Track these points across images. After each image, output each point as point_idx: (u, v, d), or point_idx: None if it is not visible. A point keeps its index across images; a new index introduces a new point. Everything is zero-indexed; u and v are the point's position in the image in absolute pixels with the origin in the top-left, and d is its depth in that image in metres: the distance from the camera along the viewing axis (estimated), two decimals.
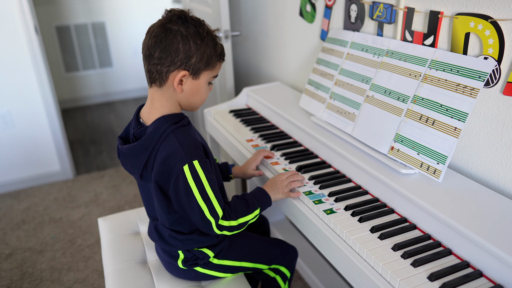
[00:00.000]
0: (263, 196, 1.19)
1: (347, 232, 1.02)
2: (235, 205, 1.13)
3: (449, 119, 1.07)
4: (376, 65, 1.32)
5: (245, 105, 1.97)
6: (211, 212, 1.07)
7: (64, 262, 2.15)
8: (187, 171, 1.03)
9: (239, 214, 1.13)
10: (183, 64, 1.03)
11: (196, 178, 1.04)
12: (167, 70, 1.04)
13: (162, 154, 1.05)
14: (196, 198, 1.05)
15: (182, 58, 1.02)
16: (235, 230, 1.14)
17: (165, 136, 1.05)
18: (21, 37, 2.57)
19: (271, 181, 1.24)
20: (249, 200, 1.16)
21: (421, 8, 1.21)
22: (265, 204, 1.19)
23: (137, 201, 2.67)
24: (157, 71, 1.04)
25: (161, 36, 1.02)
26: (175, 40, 1.01)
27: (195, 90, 1.09)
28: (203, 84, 1.10)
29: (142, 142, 1.07)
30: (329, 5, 1.63)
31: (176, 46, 1.01)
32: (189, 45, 1.02)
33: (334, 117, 1.43)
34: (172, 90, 1.07)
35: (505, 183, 1.07)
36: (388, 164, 1.18)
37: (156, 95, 1.09)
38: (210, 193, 1.06)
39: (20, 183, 2.88)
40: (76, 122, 4.11)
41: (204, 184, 1.05)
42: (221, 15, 2.09)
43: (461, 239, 0.92)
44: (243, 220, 1.13)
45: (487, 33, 1.03)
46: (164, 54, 1.02)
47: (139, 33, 4.47)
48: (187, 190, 1.04)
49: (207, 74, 1.09)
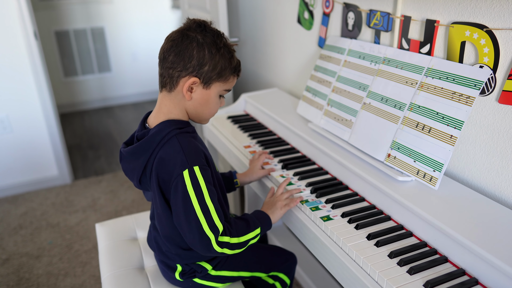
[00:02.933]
0: (263, 216, 1.16)
1: (343, 239, 1.02)
2: (236, 224, 1.09)
3: (445, 127, 1.07)
4: (373, 72, 1.33)
5: (243, 111, 1.97)
6: (211, 226, 1.01)
7: (61, 267, 2.14)
8: (186, 177, 1.00)
9: (240, 232, 1.08)
10: (195, 71, 1.03)
11: (196, 186, 1.01)
12: (179, 75, 1.03)
13: (162, 157, 1.03)
14: (194, 209, 1.00)
15: (195, 65, 1.02)
16: (236, 248, 1.08)
17: (167, 139, 1.04)
18: (20, 42, 2.58)
19: (267, 202, 1.22)
20: (249, 219, 1.13)
21: (417, 16, 1.22)
22: (265, 225, 1.15)
23: (135, 206, 2.67)
24: (169, 75, 1.04)
25: (178, 41, 1.02)
26: (190, 46, 1.01)
27: (204, 100, 1.08)
28: (213, 95, 1.09)
29: (143, 142, 1.05)
30: (326, 12, 1.64)
31: (190, 52, 1.01)
32: (203, 53, 1.02)
33: (332, 123, 1.44)
34: (181, 96, 1.06)
35: (501, 190, 1.08)
36: (385, 171, 1.18)
37: (165, 100, 1.08)
38: (210, 205, 1.01)
39: (18, 188, 2.88)
40: (75, 126, 4.12)
41: (204, 193, 1.01)
42: (220, 21, 2.10)
43: (457, 247, 0.93)
44: (244, 239, 1.09)
45: (483, 42, 1.04)
46: (178, 58, 1.02)
47: (138, 38, 4.49)
48: (185, 199, 1.00)
49: (218, 86, 1.08)
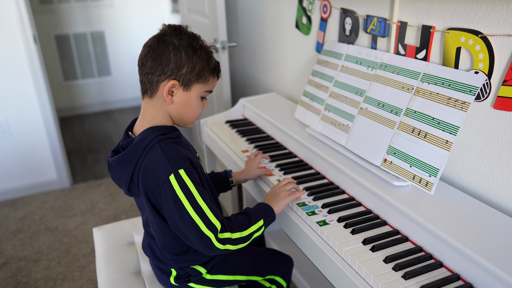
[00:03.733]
0: (265, 208, 1.15)
1: (339, 244, 1.02)
2: (236, 219, 1.08)
3: (441, 132, 1.08)
4: (370, 77, 1.34)
5: (242, 115, 1.98)
6: (208, 225, 1.01)
7: (59, 271, 2.14)
8: (173, 181, 1.00)
9: (241, 226, 1.07)
10: (173, 74, 1.03)
11: (184, 188, 1.00)
12: (158, 79, 1.04)
13: (147, 165, 1.03)
14: (188, 212, 1.00)
15: (173, 68, 1.03)
16: (240, 243, 1.06)
17: (151, 146, 1.04)
18: (19, 46, 2.59)
19: (270, 193, 1.21)
20: (250, 213, 1.12)
21: (413, 22, 1.23)
22: (268, 216, 1.13)
23: (134, 210, 2.67)
24: (148, 80, 1.05)
25: (154, 46, 1.03)
26: (167, 50, 1.02)
27: (185, 102, 1.08)
28: (194, 97, 1.09)
29: (128, 152, 1.05)
30: (324, 17, 1.65)
31: (167, 56, 1.02)
32: (180, 55, 1.03)
33: (329, 128, 1.45)
34: (163, 101, 1.07)
35: (496, 196, 1.08)
36: (381, 176, 1.19)
37: (148, 106, 1.09)
38: (202, 204, 1.01)
39: (17, 192, 2.88)
40: (74, 130, 4.12)
41: (194, 194, 1.01)
42: (218, 26, 2.11)
43: (452, 252, 0.93)
44: (247, 232, 1.07)
45: (478, 48, 1.04)
46: (155, 63, 1.03)
47: (138, 42, 4.50)
48: (177, 203, 1.00)
49: (199, 87, 1.09)
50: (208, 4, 2.24)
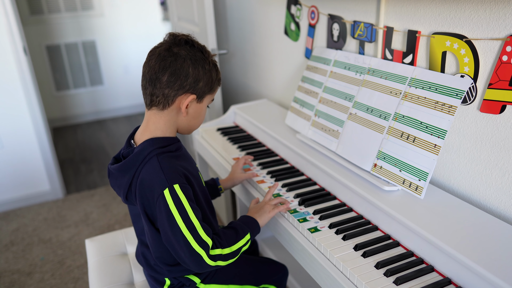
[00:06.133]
0: (250, 221, 1.16)
1: (331, 251, 1.02)
2: (225, 234, 1.10)
3: (429, 136, 1.08)
4: (358, 83, 1.34)
5: (233, 122, 1.98)
6: (199, 242, 1.01)
7: (53, 283, 2.12)
8: (167, 196, 1.00)
9: (230, 241, 1.09)
10: (192, 88, 1.05)
11: (178, 203, 1.00)
12: (175, 94, 1.05)
13: (143, 177, 1.04)
14: (180, 227, 1.00)
15: (191, 82, 1.05)
16: (230, 258, 1.09)
17: (148, 159, 1.05)
18: (9, 58, 2.58)
19: (253, 208, 1.23)
20: (237, 227, 1.13)
21: (399, 27, 1.24)
22: (254, 230, 1.15)
23: (128, 220, 2.65)
24: (164, 94, 1.05)
25: (170, 60, 1.03)
26: (185, 65, 1.03)
27: (197, 113, 1.12)
28: (204, 108, 1.13)
29: (127, 161, 1.06)
30: (312, 24, 1.66)
31: (186, 70, 1.04)
32: (197, 70, 1.05)
33: (319, 134, 1.45)
34: (175, 113, 1.08)
35: (485, 198, 1.09)
36: (372, 181, 1.19)
37: (154, 117, 1.09)
38: (195, 221, 1.01)
39: (9, 204, 2.86)
40: (67, 140, 4.10)
41: (187, 210, 1.01)
42: (208, 34, 2.12)
43: (442, 256, 0.93)
44: (236, 247, 1.09)
45: (463, 52, 1.05)
46: (174, 78, 1.03)
47: (129, 51, 4.50)
48: (169, 218, 1.00)
49: (209, 98, 1.12)
50: (197, 12, 2.24)
